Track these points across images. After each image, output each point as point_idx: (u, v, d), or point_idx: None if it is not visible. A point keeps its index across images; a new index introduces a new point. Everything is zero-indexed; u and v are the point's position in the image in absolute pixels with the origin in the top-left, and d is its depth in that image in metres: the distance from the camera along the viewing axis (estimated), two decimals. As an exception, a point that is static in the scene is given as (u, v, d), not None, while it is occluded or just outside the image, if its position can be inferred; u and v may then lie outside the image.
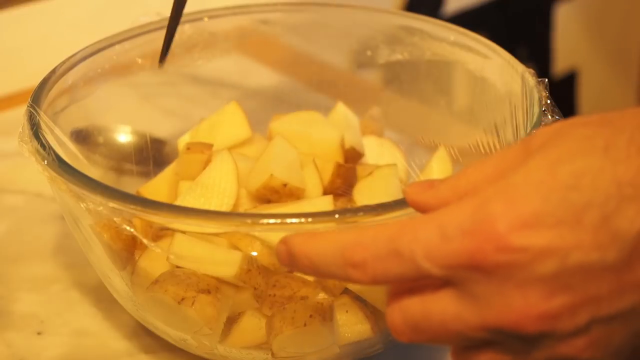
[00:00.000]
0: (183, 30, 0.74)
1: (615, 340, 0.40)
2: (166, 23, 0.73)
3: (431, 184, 0.45)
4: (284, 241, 0.46)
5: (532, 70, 0.64)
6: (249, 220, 0.51)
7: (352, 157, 0.71)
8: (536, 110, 0.60)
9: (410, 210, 0.52)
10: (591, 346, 0.40)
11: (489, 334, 0.41)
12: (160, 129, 0.77)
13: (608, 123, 0.41)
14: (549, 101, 0.61)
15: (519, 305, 0.39)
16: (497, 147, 0.66)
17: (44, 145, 0.57)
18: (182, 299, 0.56)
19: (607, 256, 0.39)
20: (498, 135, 0.66)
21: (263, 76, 0.97)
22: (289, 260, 0.45)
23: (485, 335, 0.41)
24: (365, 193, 0.65)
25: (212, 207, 0.61)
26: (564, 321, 0.39)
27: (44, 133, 0.59)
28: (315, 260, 0.44)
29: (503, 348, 0.41)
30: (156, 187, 0.69)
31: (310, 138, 0.69)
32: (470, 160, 0.67)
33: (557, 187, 0.39)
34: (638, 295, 0.39)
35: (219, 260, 0.56)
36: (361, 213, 0.51)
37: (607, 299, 0.39)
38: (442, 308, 0.41)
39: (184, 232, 0.56)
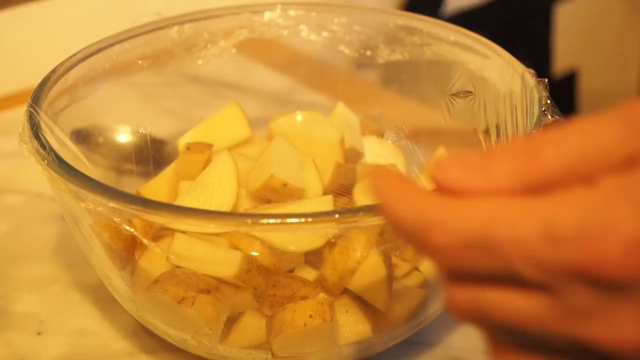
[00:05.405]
0: (183, 30, 0.74)
1: None
2: (166, 23, 0.73)
3: (467, 161, 0.36)
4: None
5: (532, 70, 0.64)
6: (249, 220, 0.51)
7: (352, 157, 0.71)
8: (536, 110, 0.60)
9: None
10: None
11: (571, 347, 0.35)
12: (160, 129, 0.77)
13: None
14: (549, 101, 0.61)
15: (631, 332, 0.34)
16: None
17: (44, 145, 0.57)
18: (182, 299, 0.56)
19: None
20: (498, 135, 0.66)
21: (263, 76, 0.97)
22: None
23: (566, 347, 0.35)
24: (365, 193, 0.65)
25: (212, 207, 0.61)
26: None
27: (44, 133, 0.59)
28: (395, 218, 0.37)
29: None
30: (156, 187, 0.69)
31: (310, 138, 0.69)
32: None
33: None
34: None
35: (219, 260, 0.56)
36: (361, 213, 0.51)
37: None
38: (524, 306, 0.35)
39: (184, 232, 0.56)
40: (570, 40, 1.65)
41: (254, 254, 0.56)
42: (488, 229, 0.34)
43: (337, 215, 0.51)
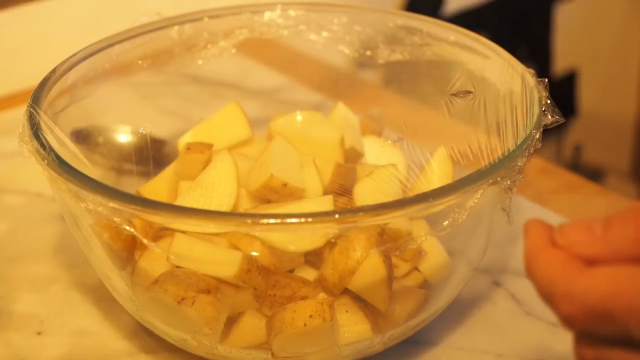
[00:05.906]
0: (183, 30, 0.74)
1: None
2: (166, 23, 0.73)
3: (589, 226, 0.41)
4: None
5: (532, 70, 0.64)
6: (249, 220, 0.51)
7: (352, 157, 0.71)
8: (536, 110, 0.60)
9: (410, 210, 0.52)
10: None
11: None
12: (160, 129, 0.77)
13: None
14: (549, 101, 0.61)
15: None
16: (498, 147, 0.66)
17: (44, 145, 0.57)
18: (182, 299, 0.56)
19: None
20: (498, 135, 0.66)
21: (263, 76, 0.97)
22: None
23: None
24: (365, 193, 0.65)
25: (212, 207, 0.61)
26: None
27: (44, 133, 0.59)
28: (534, 283, 0.42)
29: None
30: (156, 187, 0.69)
31: (310, 138, 0.69)
32: (471, 161, 0.67)
33: None
34: None
35: (219, 260, 0.56)
36: (361, 213, 0.51)
37: None
38: None
39: (184, 232, 0.56)
40: (570, 40, 1.65)
41: (254, 254, 0.56)
42: (607, 300, 0.39)
43: (337, 215, 0.51)
